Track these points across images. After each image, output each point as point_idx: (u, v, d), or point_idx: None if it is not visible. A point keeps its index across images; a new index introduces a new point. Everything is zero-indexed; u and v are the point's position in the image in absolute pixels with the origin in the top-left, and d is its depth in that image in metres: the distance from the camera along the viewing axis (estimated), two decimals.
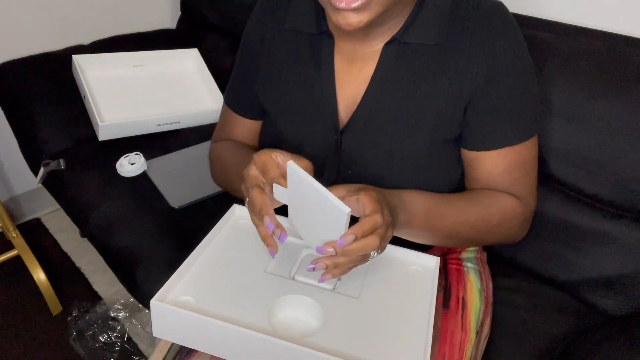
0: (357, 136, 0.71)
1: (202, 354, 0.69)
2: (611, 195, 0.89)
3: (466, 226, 0.70)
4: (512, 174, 0.71)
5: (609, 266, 0.90)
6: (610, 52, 0.88)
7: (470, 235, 0.72)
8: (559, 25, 0.98)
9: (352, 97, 0.72)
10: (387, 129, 0.70)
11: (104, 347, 1.32)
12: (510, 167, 0.71)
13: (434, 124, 0.69)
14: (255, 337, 0.56)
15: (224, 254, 0.71)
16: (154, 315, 0.61)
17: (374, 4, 0.58)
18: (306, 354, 0.55)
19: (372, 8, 0.59)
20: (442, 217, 0.69)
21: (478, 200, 0.71)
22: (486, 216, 0.70)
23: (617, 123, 0.85)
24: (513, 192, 0.72)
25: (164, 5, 1.75)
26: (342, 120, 0.72)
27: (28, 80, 1.34)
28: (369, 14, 0.59)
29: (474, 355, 0.73)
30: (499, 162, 0.71)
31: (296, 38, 0.74)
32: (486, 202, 0.71)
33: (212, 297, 0.63)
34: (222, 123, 0.90)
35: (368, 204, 0.58)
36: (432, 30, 0.66)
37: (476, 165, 0.72)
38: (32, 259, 1.42)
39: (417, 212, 0.67)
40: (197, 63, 1.49)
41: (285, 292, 0.65)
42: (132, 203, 1.14)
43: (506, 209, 0.71)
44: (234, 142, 0.86)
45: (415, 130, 0.69)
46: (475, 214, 0.70)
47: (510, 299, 0.89)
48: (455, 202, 0.71)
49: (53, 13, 1.51)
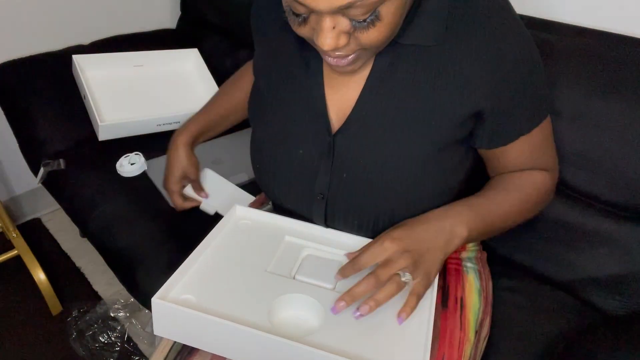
0: (352, 140, 0.69)
1: (203, 355, 0.69)
2: (611, 195, 0.89)
3: (512, 212, 0.73)
4: (535, 155, 0.74)
5: (609, 266, 0.90)
6: (610, 52, 0.88)
7: (517, 218, 0.75)
8: (559, 25, 0.99)
9: (345, 100, 0.70)
10: (383, 133, 0.68)
11: (104, 347, 1.32)
12: (532, 150, 0.73)
13: (432, 128, 0.67)
14: (256, 335, 0.56)
15: (225, 253, 0.71)
16: (155, 313, 0.61)
17: (362, 57, 0.62)
18: (307, 352, 0.55)
19: (361, 60, 0.62)
20: (490, 213, 0.71)
21: (511, 185, 0.74)
22: (524, 197, 0.73)
23: (617, 123, 0.85)
24: (541, 167, 0.76)
25: (164, 5, 1.75)
26: (335, 123, 0.71)
27: (28, 80, 1.34)
28: (358, 65, 0.63)
29: (473, 355, 0.72)
30: (522, 149, 0.73)
31: (287, 34, 0.72)
32: (520, 185, 0.74)
33: (213, 296, 0.63)
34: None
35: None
36: (429, 31, 0.64)
37: (502, 159, 0.74)
38: (32, 259, 1.42)
39: (470, 218, 0.68)
40: (197, 63, 1.49)
41: (286, 291, 0.65)
42: (132, 203, 1.14)
43: (539, 185, 0.75)
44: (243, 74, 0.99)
45: (413, 134, 0.67)
46: (515, 198, 0.73)
47: (510, 299, 0.89)
48: (493, 195, 0.73)
49: (53, 13, 1.51)
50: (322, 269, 0.69)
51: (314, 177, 0.73)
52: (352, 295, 0.61)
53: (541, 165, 0.75)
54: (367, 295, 0.61)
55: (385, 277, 0.61)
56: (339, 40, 0.56)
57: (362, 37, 0.56)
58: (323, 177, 0.72)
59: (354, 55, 0.60)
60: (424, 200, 0.70)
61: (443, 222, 0.66)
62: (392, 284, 0.61)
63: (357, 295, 0.61)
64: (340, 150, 0.70)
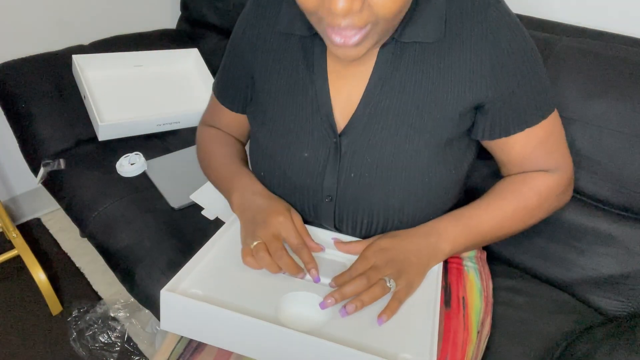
0: (357, 139, 0.70)
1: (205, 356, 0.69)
2: (611, 195, 0.89)
3: (507, 220, 0.74)
4: (544, 149, 0.74)
5: (609, 266, 0.90)
6: (610, 52, 0.88)
7: (514, 225, 0.75)
8: (559, 25, 0.99)
9: (349, 100, 0.71)
10: (388, 131, 0.69)
11: (104, 347, 1.32)
12: (538, 144, 0.73)
13: (437, 124, 0.68)
14: (267, 327, 0.57)
15: (233, 250, 0.72)
16: (164, 306, 0.61)
17: (370, 37, 0.60)
18: (317, 344, 0.56)
19: (369, 41, 0.60)
20: (481, 224, 0.73)
21: (508, 191, 0.75)
22: (521, 203, 0.74)
23: (617, 123, 0.85)
24: (549, 165, 0.75)
25: (164, 5, 1.75)
26: (340, 123, 0.72)
27: (28, 80, 1.34)
28: (365, 47, 0.61)
29: (475, 355, 0.72)
30: (527, 142, 0.73)
31: (288, 40, 0.73)
32: (517, 190, 0.75)
33: (220, 291, 0.64)
34: (212, 109, 0.92)
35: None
36: (430, 28, 0.66)
37: (507, 150, 0.75)
38: (32, 259, 1.42)
39: (456, 234, 0.72)
40: (197, 63, 1.49)
41: (293, 288, 0.66)
42: (132, 203, 1.14)
43: (539, 188, 0.74)
44: (220, 133, 0.90)
45: (418, 130, 0.69)
46: (509, 205, 0.74)
47: (510, 299, 0.89)
48: (487, 204, 0.75)
49: (53, 13, 1.51)
50: (326, 269, 0.70)
51: (321, 179, 0.73)
52: (342, 294, 0.64)
53: (549, 163, 0.75)
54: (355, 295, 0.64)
55: (374, 281, 0.65)
56: (354, 4, 0.55)
57: (376, 4, 0.56)
58: (330, 179, 0.73)
59: (363, 32, 0.59)
60: (431, 195, 0.72)
61: (428, 239, 0.71)
62: (377, 287, 0.64)
63: (347, 295, 0.64)
64: (346, 150, 0.71)
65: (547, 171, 0.75)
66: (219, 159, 0.86)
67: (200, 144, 0.92)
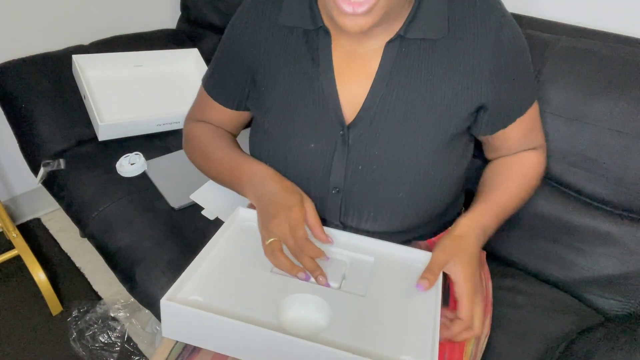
0: (365, 133, 0.71)
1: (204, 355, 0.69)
2: (611, 195, 0.89)
3: (515, 198, 0.78)
4: (530, 134, 0.80)
5: (609, 266, 0.90)
6: (610, 52, 0.88)
7: (519, 201, 0.79)
8: (559, 25, 0.99)
9: (356, 95, 0.72)
10: (395, 125, 0.70)
11: (104, 347, 1.32)
12: (527, 129, 0.79)
13: (442, 119, 0.70)
14: (267, 334, 0.57)
15: (230, 255, 0.71)
16: (164, 315, 0.61)
17: (379, 7, 0.60)
18: (318, 350, 0.55)
19: (377, 11, 0.61)
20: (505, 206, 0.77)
21: (511, 172, 0.80)
22: (528, 181, 0.80)
23: (617, 123, 0.85)
24: (536, 143, 0.82)
25: (164, 5, 1.75)
26: (348, 117, 0.72)
27: (28, 80, 1.34)
28: (373, 17, 0.61)
29: (474, 354, 0.73)
30: (519, 130, 0.78)
31: (290, 34, 0.73)
32: (517, 169, 0.80)
33: (221, 297, 0.64)
34: (201, 105, 0.89)
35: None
36: (434, 24, 0.67)
37: (504, 139, 0.78)
38: (32, 259, 1.42)
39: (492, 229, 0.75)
40: (197, 63, 1.49)
41: (292, 291, 0.65)
42: (132, 203, 1.14)
43: (536, 165, 0.81)
44: (212, 127, 0.88)
45: (424, 124, 0.70)
46: (515, 184, 0.79)
47: (510, 299, 0.89)
48: (496, 188, 0.78)
49: (53, 13, 1.51)
50: (327, 269, 0.69)
51: (327, 171, 0.73)
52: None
53: (535, 143, 0.82)
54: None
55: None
56: None
57: None
58: (338, 171, 0.73)
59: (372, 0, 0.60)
60: (435, 189, 0.73)
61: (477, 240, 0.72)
62: None
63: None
64: (354, 142, 0.72)
65: (534, 149, 0.82)
66: (219, 151, 0.84)
67: (192, 139, 0.89)
